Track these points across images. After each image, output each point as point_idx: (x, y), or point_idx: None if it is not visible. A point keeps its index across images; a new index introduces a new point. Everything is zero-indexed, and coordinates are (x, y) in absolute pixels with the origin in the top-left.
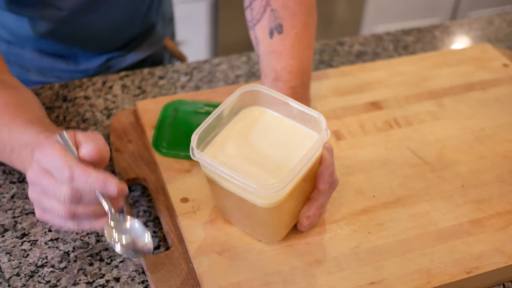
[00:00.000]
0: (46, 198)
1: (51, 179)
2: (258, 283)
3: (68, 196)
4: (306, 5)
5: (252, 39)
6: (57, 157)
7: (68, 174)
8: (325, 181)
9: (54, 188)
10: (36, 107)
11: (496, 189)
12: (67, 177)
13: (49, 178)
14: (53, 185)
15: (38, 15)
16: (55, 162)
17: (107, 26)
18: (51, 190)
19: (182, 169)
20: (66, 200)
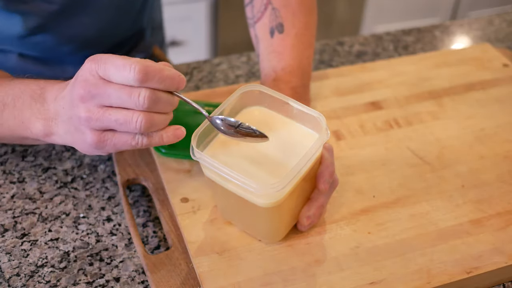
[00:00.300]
0: (114, 110)
1: (117, 86)
2: (258, 283)
3: (148, 97)
4: (307, 4)
5: (252, 37)
6: (118, 59)
7: (141, 69)
8: (325, 181)
9: (127, 92)
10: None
11: (496, 189)
12: (140, 75)
13: (115, 84)
14: (124, 90)
15: (28, 9)
16: (119, 62)
17: (97, 24)
18: (123, 96)
19: (182, 169)
20: (146, 102)
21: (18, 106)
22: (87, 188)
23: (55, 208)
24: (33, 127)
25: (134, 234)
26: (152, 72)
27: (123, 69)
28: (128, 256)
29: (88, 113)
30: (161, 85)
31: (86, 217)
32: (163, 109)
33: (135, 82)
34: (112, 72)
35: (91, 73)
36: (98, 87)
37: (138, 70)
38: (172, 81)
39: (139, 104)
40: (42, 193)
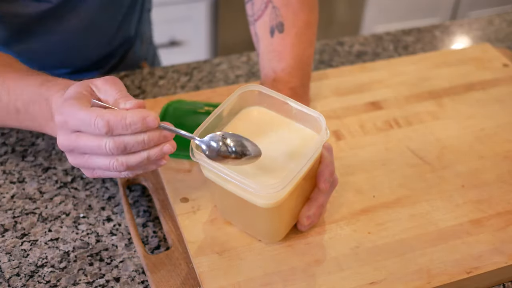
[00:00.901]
0: (90, 158)
1: (86, 137)
2: (258, 283)
3: (113, 146)
4: (309, 3)
5: (252, 34)
6: (81, 113)
7: (104, 126)
8: (325, 180)
9: (95, 145)
10: (21, 65)
11: (496, 189)
12: (104, 131)
13: (84, 137)
14: (92, 143)
15: (13, 11)
16: (83, 120)
17: (84, 27)
18: (93, 148)
19: (182, 169)
20: (113, 150)
21: (30, 111)
22: (87, 188)
23: (55, 208)
24: (49, 131)
25: (134, 234)
26: (114, 125)
27: (89, 125)
28: (128, 256)
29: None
30: (127, 131)
31: (86, 217)
32: (136, 149)
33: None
34: (80, 127)
35: (62, 127)
36: (71, 142)
37: (101, 125)
38: (138, 125)
39: (110, 153)
40: (42, 193)
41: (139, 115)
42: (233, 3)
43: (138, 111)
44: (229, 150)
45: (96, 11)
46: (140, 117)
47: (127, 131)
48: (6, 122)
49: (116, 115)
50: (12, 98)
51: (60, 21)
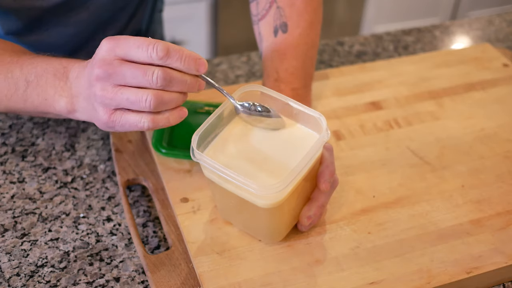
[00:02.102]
0: (126, 89)
1: (133, 64)
2: (258, 283)
3: (161, 75)
4: (313, 4)
5: (255, 34)
6: (136, 38)
7: (163, 49)
8: (326, 180)
9: (141, 71)
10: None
11: (496, 189)
12: (162, 54)
13: (131, 63)
14: (138, 69)
15: (20, 6)
16: (139, 42)
17: (94, 21)
18: (138, 74)
19: (182, 169)
20: (159, 80)
21: (41, 84)
22: (87, 188)
23: (55, 208)
24: (57, 105)
25: (134, 234)
26: (173, 52)
27: (146, 46)
28: (128, 256)
29: (102, 92)
30: (181, 64)
31: (86, 217)
32: (176, 88)
33: (156, 59)
34: (133, 50)
35: (107, 52)
36: (114, 67)
37: (161, 48)
38: (192, 62)
39: (152, 82)
40: (42, 193)
41: (195, 54)
42: (233, 3)
43: (193, 52)
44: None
45: (106, 4)
46: (196, 57)
47: (180, 63)
48: (11, 100)
49: (175, 46)
50: (25, 72)
51: (71, 14)
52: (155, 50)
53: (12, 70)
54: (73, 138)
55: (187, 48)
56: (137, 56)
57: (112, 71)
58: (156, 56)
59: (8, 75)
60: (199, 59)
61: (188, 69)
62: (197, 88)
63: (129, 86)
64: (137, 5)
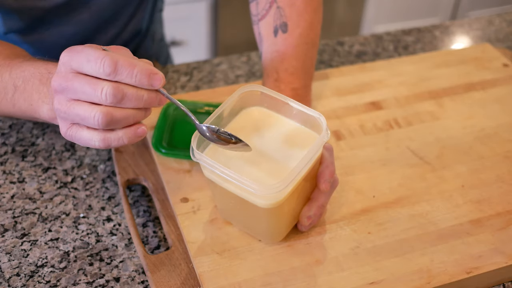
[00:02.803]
0: (78, 104)
1: (85, 78)
2: (258, 283)
3: (111, 92)
4: (313, 4)
5: (255, 34)
6: (90, 50)
7: (110, 65)
8: (326, 180)
9: (91, 87)
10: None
11: (496, 189)
12: (109, 70)
13: (83, 78)
14: (88, 85)
15: (21, 7)
16: (90, 55)
17: (96, 21)
18: (87, 90)
19: (182, 169)
20: (108, 97)
21: (27, 89)
22: (87, 188)
23: (55, 208)
24: (40, 111)
25: (134, 234)
26: (121, 67)
27: (94, 61)
28: (128, 256)
29: (58, 105)
30: (132, 80)
31: (86, 217)
32: (130, 105)
33: (104, 75)
34: (84, 64)
35: (64, 65)
36: (67, 80)
37: (108, 64)
38: (145, 77)
39: (101, 99)
40: (42, 193)
41: (148, 68)
42: (233, 3)
43: (148, 65)
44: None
45: (107, 4)
46: (149, 71)
47: (131, 79)
48: (1, 104)
49: (126, 60)
50: (13, 76)
51: (73, 14)
52: (102, 65)
53: (2, 74)
54: None
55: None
56: (88, 70)
57: (65, 85)
58: (103, 71)
59: None
60: (153, 74)
61: (140, 85)
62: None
63: (82, 100)
64: (137, 5)
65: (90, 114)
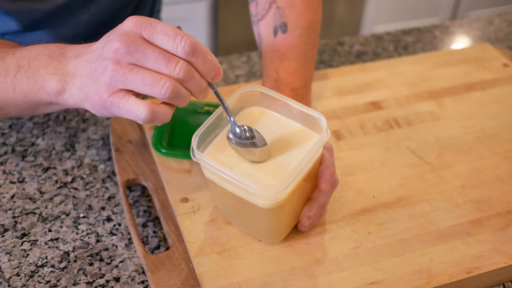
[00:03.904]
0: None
1: (158, 49)
2: (258, 283)
3: (185, 68)
4: (312, 4)
5: (255, 34)
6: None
7: (191, 46)
8: (326, 180)
9: (165, 58)
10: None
11: (496, 189)
12: (189, 50)
13: (156, 48)
14: (163, 55)
15: (32, 6)
16: (170, 30)
17: (95, 19)
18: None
19: (182, 169)
20: (181, 72)
21: (33, 66)
22: (87, 188)
23: (55, 208)
24: (47, 85)
25: (134, 234)
26: (199, 51)
27: (173, 38)
28: (128, 256)
29: (116, 65)
30: (203, 66)
31: (86, 217)
32: (192, 87)
33: (181, 53)
34: (160, 36)
35: (133, 29)
36: (138, 45)
37: (189, 43)
38: (213, 68)
39: (174, 72)
40: (42, 193)
41: (216, 61)
42: (233, 3)
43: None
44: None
45: (106, 5)
46: (217, 64)
47: (203, 65)
48: (0, 89)
49: (202, 46)
50: (17, 57)
51: (72, 15)
52: (182, 43)
53: (4, 57)
54: (73, 138)
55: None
56: (162, 43)
57: (134, 48)
58: (182, 50)
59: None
60: (218, 67)
61: (206, 74)
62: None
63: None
64: (136, 6)
65: (160, 81)
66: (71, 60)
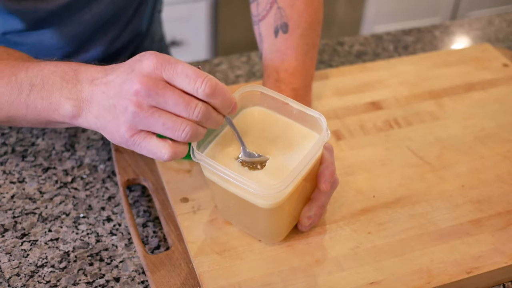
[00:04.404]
0: (164, 113)
1: (179, 91)
2: (258, 283)
3: (204, 111)
4: (313, 5)
5: (256, 34)
6: (188, 67)
7: (211, 88)
8: (326, 180)
9: (185, 101)
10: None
11: (496, 189)
12: (209, 92)
13: (176, 90)
14: (183, 99)
15: (35, 6)
16: (190, 72)
17: (96, 19)
18: (180, 104)
19: (182, 169)
20: (199, 115)
21: (47, 87)
22: (87, 188)
23: (55, 208)
24: (62, 108)
25: (134, 234)
26: (219, 91)
27: (195, 80)
28: (128, 256)
29: (137, 108)
30: (221, 105)
31: (86, 217)
32: (209, 125)
33: (201, 95)
34: (180, 77)
35: (154, 71)
36: (158, 88)
37: (210, 85)
38: (230, 104)
39: (193, 115)
40: (42, 193)
41: (232, 97)
42: (233, 3)
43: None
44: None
45: (108, 5)
46: (234, 100)
47: (221, 104)
48: (13, 105)
49: (222, 85)
50: (30, 75)
51: (74, 15)
52: (203, 85)
53: (16, 73)
54: (73, 138)
55: (187, 49)
56: (183, 85)
57: (155, 92)
58: (203, 93)
59: (12, 78)
60: (235, 103)
61: (223, 110)
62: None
63: (166, 110)
64: (137, 6)
65: (181, 126)
66: (86, 86)
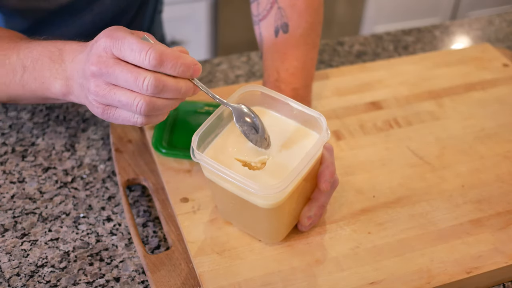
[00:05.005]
0: (119, 90)
1: (127, 66)
2: (258, 283)
3: (152, 83)
4: (314, 5)
5: (256, 34)
6: (133, 40)
7: (156, 58)
8: (326, 180)
9: (133, 76)
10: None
11: (496, 189)
12: (154, 62)
13: (125, 65)
14: (131, 73)
15: (37, 5)
16: (134, 45)
17: (97, 19)
18: (128, 79)
19: (182, 169)
20: (150, 88)
21: (37, 68)
22: (87, 188)
23: (55, 208)
24: (53, 87)
25: (134, 234)
26: (167, 58)
27: (139, 52)
28: (128, 256)
29: (96, 88)
30: (175, 72)
31: (86, 217)
32: (169, 95)
33: (148, 66)
34: (127, 52)
35: (105, 50)
36: (108, 66)
37: (154, 56)
38: (187, 69)
39: (142, 89)
40: (42, 193)
41: (191, 60)
42: (233, 3)
43: (190, 56)
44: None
45: (109, 6)
46: (192, 63)
47: (174, 71)
48: (10, 87)
49: (171, 51)
50: (21, 57)
51: (75, 15)
52: (147, 57)
53: (9, 56)
54: (73, 138)
55: (187, 48)
56: (130, 58)
57: (106, 70)
58: (148, 64)
59: (5, 61)
60: (194, 65)
61: (182, 76)
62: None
63: (121, 87)
64: (138, 7)
65: (133, 101)
66: (69, 64)
